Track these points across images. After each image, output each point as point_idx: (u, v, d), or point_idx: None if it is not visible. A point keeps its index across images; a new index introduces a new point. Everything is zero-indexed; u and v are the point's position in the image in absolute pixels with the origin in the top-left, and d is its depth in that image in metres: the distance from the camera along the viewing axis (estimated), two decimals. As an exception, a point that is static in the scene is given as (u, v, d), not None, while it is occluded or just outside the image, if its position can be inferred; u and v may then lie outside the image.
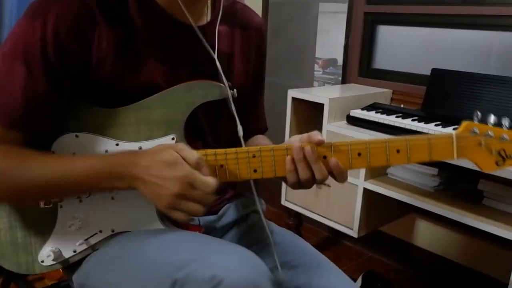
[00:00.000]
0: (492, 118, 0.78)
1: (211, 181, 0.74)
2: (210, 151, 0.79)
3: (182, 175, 0.72)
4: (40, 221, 0.85)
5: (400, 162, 0.78)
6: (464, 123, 0.79)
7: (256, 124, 1.10)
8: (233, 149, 0.79)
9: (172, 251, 0.76)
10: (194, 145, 0.82)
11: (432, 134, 0.78)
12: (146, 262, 0.76)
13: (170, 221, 0.86)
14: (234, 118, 0.88)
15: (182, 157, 0.74)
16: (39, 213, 0.84)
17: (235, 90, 0.86)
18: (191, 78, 0.85)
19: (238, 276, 0.68)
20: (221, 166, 0.79)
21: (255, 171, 0.79)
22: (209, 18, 0.92)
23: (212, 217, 0.98)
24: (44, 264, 0.85)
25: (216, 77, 0.87)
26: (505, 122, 0.77)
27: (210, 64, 0.88)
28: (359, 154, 0.79)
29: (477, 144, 0.78)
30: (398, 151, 0.78)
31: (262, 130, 1.11)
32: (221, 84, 0.85)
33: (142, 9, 0.83)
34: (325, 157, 0.79)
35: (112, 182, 0.77)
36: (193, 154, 0.75)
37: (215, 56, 0.88)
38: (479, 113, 0.79)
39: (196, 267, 0.69)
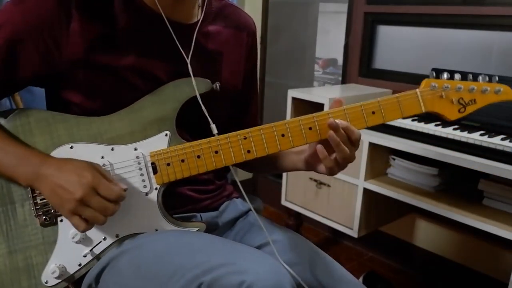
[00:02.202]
0: (445, 75, 0.87)
1: (116, 188, 0.77)
2: (203, 140, 0.84)
3: (87, 181, 0.75)
4: (41, 239, 0.84)
5: (377, 122, 0.86)
6: (424, 80, 0.88)
7: (252, 122, 1.11)
8: (224, 135, 0.84)
9: (197, 254, 0.77)
10: (186, 139, 0.86)
11: (400, 94, 0.87)
12: (172, 267, 0.76)
13: (175, 218, 0.86)
14: (221, 113, 0.92)
15: (92, 166, 0.78)
16: (41, 231, 0.84)
17: (217, 84, 0.88)
18: (171, 75, 0.87)
19: (265, 282, 0.69)
20: (216, 152, 0.83)
21: (248, 151, 0.84)
22: (199, 17, 0.94)
23: (213, 213, 0.99)
24: (48, 284, 0.83)
25: (196, 74, 0.90)
26: (457, 76, 0.87)
27: (193, 61, 0.90)
28: None
29: (439, 97, 0.87)
30: (373, 112, 0.85)
31: None
32: (206, 79, 0.87)
33: (127, 6, 0.85)
34: (310, 128, 0.86)
35: (14, 176, 0.81)
36: (104, 169, 0.80)
37: (188, 58, 0.90)
38: (434, 72, 0.88)
39: (224, 272, 0.71)
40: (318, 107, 1.76)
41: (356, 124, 0.84)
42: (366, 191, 1.70)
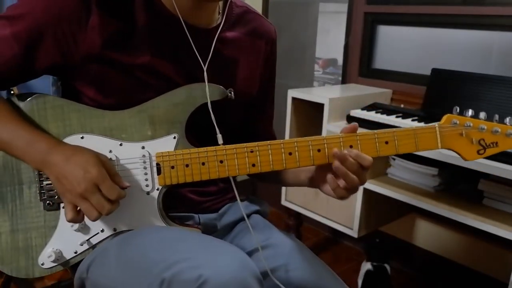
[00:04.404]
0: (470, 112, 0.83)
1: (117, 189, 0.78)
2: (210, 148, 0.84)
3: (91, 177, 0.76)
4: (43, 222, 0.86)
5: (389, 152, 0.84)
6: (445, 116, 0.84)
7: (265, 131, 1.10)
8: (232, 146, 0.83)
9: (166, 250, 0.77)
10: (194, 144, 0.85)
11: (417, 127, 0.84)
12: (144, 260, 0.77)
13: (171, 219, 0.87)
14: (232, 120, 0.90)
15: (99, 161, 0.78)
16: (43, 215, 0.86)
17: (231, 91, 0.88)
18: (184, 77, 0.87)
19: (223, 275, 0.68)
20: (221, 161, 0.83)
21: (253, 165, 0.83)
22: (219, 22, 0.93)
23: (212, 215, 0.98)
24: (44, 266, 0.87)
25: (210, 80, 0.89)
26: (482, 115, 0.83)
27: (208, 66, 0.89)
28: (351, 147, 0.84)
29: (459, 134, 0.83)
30: (386, 142, 0.83)
31: (270, 138, 1.11)
32: (221, 87, 0.87)
33: (147, 6, 0.85)
34: (319, 150, 0.83)
35: (23, 159, 0.83)
36: (111, 164, 0.81)
37: (205, 65, 0.89)
38: (457, 108, 0.84)
39: (183, 267, 0.70)
40: (318, 107, 1.76)
41: (367, 153, 0.82)
42: (366, 191, 1.70)
